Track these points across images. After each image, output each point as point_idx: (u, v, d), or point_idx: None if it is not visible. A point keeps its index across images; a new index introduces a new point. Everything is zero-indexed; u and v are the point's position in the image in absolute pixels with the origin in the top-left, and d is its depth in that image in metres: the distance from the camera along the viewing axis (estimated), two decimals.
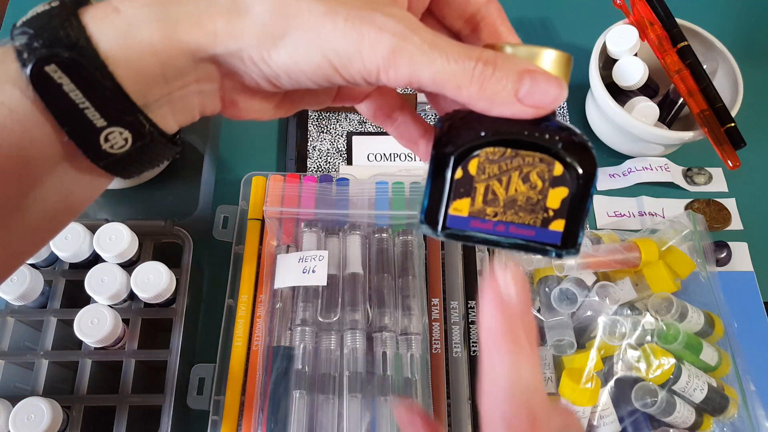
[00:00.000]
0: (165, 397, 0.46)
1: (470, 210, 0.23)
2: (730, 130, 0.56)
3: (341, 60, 0.22)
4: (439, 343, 0.50)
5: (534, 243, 0.24)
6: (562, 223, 0.23)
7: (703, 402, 0.47)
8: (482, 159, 0.22)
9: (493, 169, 0.23)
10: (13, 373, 0.48)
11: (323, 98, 0.29)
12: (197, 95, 0.24)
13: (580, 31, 0.71)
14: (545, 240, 0.23)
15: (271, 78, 0.23)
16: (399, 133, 0.29)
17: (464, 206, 0.23)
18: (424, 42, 0.21)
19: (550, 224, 0.23)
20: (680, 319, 0.49)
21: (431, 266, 0.54)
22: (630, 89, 0.61)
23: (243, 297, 0.52)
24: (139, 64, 0.21)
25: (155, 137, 0.23)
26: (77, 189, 0.24)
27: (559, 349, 0.49)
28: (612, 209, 0.62)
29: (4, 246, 0.23)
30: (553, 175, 0.23)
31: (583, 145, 0.22)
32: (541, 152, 0.22)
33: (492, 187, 0.23)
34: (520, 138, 0.22)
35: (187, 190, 0.62)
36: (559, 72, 0.23)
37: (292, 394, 0.46)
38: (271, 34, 0.22)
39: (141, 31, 0.21)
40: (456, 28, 0.27)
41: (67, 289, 0.51)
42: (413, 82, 0.22)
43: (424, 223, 0.24)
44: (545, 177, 0.23)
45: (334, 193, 0.56)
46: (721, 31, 0.64)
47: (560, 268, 0.51)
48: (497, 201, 0.23)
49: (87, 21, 0.21)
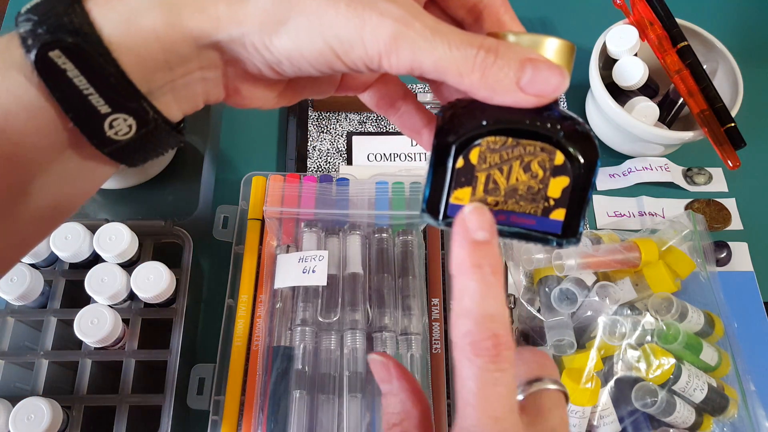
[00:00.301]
0: (165, 397, 0.46)
1: (471, 199, 0.23)
2: (730, 130, 0.56)
3: (343, 46, 0.22)
4: (439, 343, 0.50)
5: (535, 232, 0.24)
6: (563, 212, 0.23)
7: (703, 402, 0.47)
8: (483, 148, 0.22)
9: (494, 158, 0.23)
10: (13, 373, 0.48)
11: (326, 87, 0.28)
12: (201, 82, 0.24)
13: (580, 31, 0.71)
14: (546, 229, 0.23)
15: (273, 64, 0.23)
16: (402, 123, 0.29)
17: (465, 195, 0.23)
18: (426, 28, 0.21)
19: (551, 213, 0.23)
20: (680, 319, 0.49)
21: (431, 266, 0.54)
22: (630, 89, 0.61)
23: (243, 297, 0.52)
24: (143, 50, 0.21)
25: (159, 124, 0.23)
26: (81, 177, 0.24)
27: (559, 349, 0.49)
28: (612, 209, 0.62)
29: (8, 234, 0.23)
30: (554, 165, 0.22)
31: (584, 134, 0.22)
32: (542, 141, 0.22)
33: (493, 176, 0.23)
34: (521, 127, 0.22)
35: (187, 190, 0.62)
36: (561, 61, 0.23)
37: (292, 394, 0.46)
38: (274, 20, 0.22)
39: (144, 17, 0.21)
40: (459, 16, 0.27)
41: (67, 289, 0.51)
42: (415, 69, 0.22)
43: (426, 212, 0.24)
44: (546, 166, 0.22)
45: (334, 193, 0.56)
46: (721, 31, 0.64)
47: (560, 268, 0.51)
48: (498, 190, 0.23)
49: (90, 7, 0.21)
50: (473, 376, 0.21)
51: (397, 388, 0.25)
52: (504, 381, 0.21)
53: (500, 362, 0.20)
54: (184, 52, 0.22)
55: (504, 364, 0.21)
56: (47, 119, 0.22)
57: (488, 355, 0.20)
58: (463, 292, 0.21)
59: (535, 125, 0.22)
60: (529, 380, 0.24)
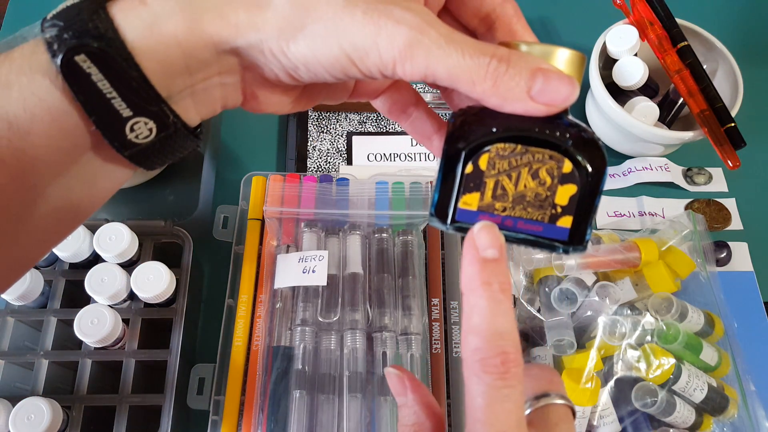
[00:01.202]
0: (165, 397, 0.46)
1: (479, 204, 0.24)
2: (730, 130, 0.56)
3: (358, 53, 0.22)
4: (439, 343, 0.50)
5: (541, 239, 0.24)
6: (570, 219, 0.23)
7: (703, 402, 0.47)
8: (492, 154, 0.23)
9: (503, 164, 0.23)
10: (13, 373, 0.48)
11: (340, 93, 0.29)
12: (219, 87, 0.25)
13: (580, 30, 0.71)
14: (553, 236, 0.24)
15: (290, 70, 0.24)
16: (413, 129, 0.29)
17: (473, 200, 0.24)
18: (440, 36, 0.22)
19: (558, 220, 0.24)
20: (680, 319, 0.49)
21: (431, 266, 0.54)
22: (630, 89, 0.61)
23: (243, 297, 0.52)
24: (164, 55, 0.22)
25: (178, 128, 0.24)
26: (101, 178, 0.25)
27: (559, 349, 0.49)
28: (612, 209, 0.62)
29: (29, 234, 0.24)
30: (562, 172, 0.23)
31: (593, 143, 0.23)
32: (551, 149, 0.23)
33: (501, 183, 0.23)
34: (530, 135, 0.23)
35: (187, 190, 0.62)
36: (572, 71, 0.23)
37: (292, 394, 0.46)
38: (291, 26, 0.22)
39: (166, 23, 0.22)
40: (472, 26, 0.28)
41: (67, 289, 0.51)
42: (428, 76, 0.22)
43: (434, 216, 0.24)
44: (554, 174, 0.23)
45: (334, 193, 0.56)
46: (721, 31, 0.64)
47: (560, 269, 0.51)
48: (506, 196, 0.24)
49: (114, 13, 0.22)
50: (482, 393, 0.21)
51: (411, 401, 0.26)
52: (512, 397, 0.21)
53: (509, 379, 0.21)
54: (204, 57, 0.23)
55: (512, 380, 0.21)
56: (70, 122, 0.22)
57: (497, 372, 0.21)
58: (473, 310, 0.22)
59: (545, 133, 0.22)
60: (537, 395, 0.24)
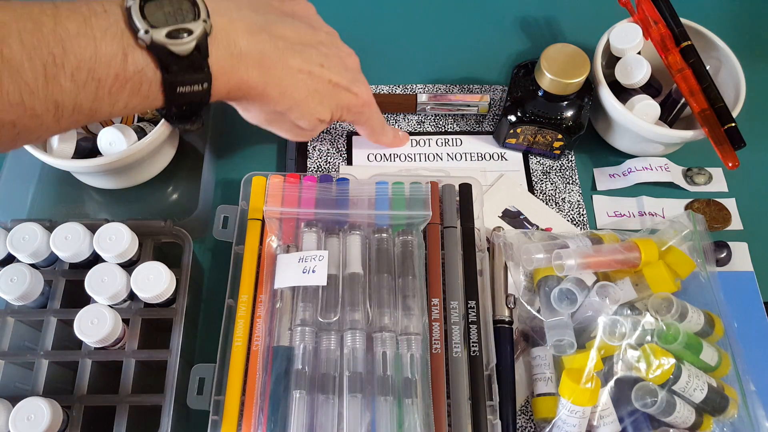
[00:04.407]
0: (165, 397, 0.46)
1: (516, 142, 0.62)
2: (730, 130, 0.56)
3: None
4: (439, 343, 0.50)
5: (545, 154, 0.62)
6: (560, 150, 0.61)
7: (703, 402, 0.47)
8: (523, 126, 0.59)
9: (529, 130, 0.59)
10: (13, 373, 0.48)
11: None
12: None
13: (584, 28, 0.71)
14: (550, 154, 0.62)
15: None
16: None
17: (513, 140, 0.62)
18: None
19: (553, 150, 0.61)
20: (680, 319, 0.49)
21: (431, 266, 0.54)
22: (632, 87, 0.61)
23: (243, 297, 0.51)
24: (223, 90, 0.43)
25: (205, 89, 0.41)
26: (139, 107, 0.39)
27: (559, 349, 0.49)
28: (612, 209, 0.62)
29: (77, 124, 0.38)
30: (557, 137, 0.59)
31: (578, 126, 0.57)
32: (553, 129, 0.58)
33: (527, 136, 0.60)
34: (543, 120, 0.58)
35: (187, 190, 0.62)
36: None
37: (292, 394, 0.46)
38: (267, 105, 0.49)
39: (238, 71, 0.43)
40: None
41: (67, 289, 0.51)
42: None
43: (496, 140, 0.63)
44: (553, 138, 0.59)
45: (334, 193, 0.56)
46: (725, 32, 0.63)
47: (560, 268, 0.51)
48: (529, 140, 0.61)
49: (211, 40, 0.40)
50: None
51: None
52: None
53: None
54: (237, 96, 0.46)
55: None
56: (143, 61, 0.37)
57: None
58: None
59: (550, 122, 0.57)
60: None
